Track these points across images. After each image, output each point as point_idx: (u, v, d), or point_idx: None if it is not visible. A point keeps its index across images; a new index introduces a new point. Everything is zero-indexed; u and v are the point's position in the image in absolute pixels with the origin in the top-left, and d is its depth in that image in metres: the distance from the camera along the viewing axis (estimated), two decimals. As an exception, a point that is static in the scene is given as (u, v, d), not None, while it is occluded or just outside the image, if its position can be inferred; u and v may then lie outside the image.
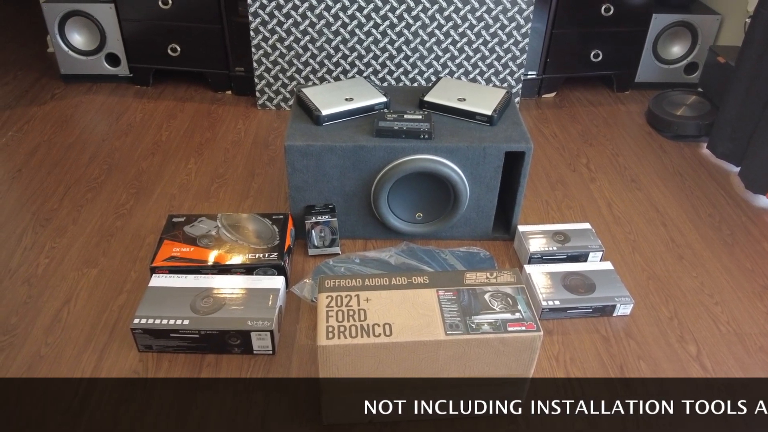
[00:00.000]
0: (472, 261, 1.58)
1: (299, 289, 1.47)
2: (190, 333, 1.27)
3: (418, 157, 1.49)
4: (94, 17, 2.33)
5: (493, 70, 2.24)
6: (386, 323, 1.05)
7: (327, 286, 1.12)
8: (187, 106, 2.37)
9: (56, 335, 1.35)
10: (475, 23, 2.14)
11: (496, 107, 1.58)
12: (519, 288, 1.13)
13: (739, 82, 1.89)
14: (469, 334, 1.04)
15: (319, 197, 1.58)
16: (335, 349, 1.02)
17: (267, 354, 1.31)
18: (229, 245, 1.49)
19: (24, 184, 1.87)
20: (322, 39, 2.15)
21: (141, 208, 1.77)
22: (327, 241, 1.59)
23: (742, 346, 1.37)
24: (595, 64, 2.43)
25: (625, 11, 2.32)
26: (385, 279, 1.14)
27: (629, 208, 1.83)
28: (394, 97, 1.68)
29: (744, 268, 1.61)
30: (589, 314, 1.43)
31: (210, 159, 2.03)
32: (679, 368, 1.31)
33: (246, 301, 1.33)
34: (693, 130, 2.18)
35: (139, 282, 1.50)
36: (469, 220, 1.63)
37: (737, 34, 2.31)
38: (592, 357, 1.33)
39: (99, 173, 1.93)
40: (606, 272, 1.50)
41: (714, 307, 1.48)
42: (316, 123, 1.55)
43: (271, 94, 2.30)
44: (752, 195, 1.89)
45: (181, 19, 2.29)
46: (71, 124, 2.22)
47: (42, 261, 1.56)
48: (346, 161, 1.51)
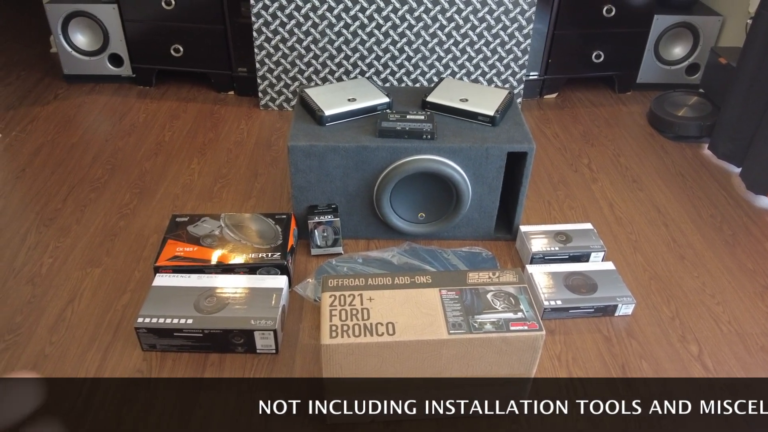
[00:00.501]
0: (475, 261, 1.59)
1: (302, 289, 1.48)
2: (194, 332, 1.28)
3: (421, 158, 1.50)
4: (97, 18, 2.34)
5: (495, 71, 2.25)
6: (389, 322, 1.05)
7: (330, 286, 1.13)
8: (190, 106, 2.37)
9: (60, 334, 1.36)
10: (477, 24, 2.15)
11: (498, 108, 1.59)
12: (521, 287, 1.14)
13: (741, 83, 1.89)
14: (472, 334, 1.04)
15: (322, 197, 1.59)
16: (339, 348, 1.03)
17: (270, 353, 1.31)
18: (233, 245, 1.49)
19: (27, 184, 1.87)
20: (325, 39, 2.16)
21: (144, 208, 1.78)
22: (330, 241, 1.59)
23: (744, 346, 1.37)
24: (597, 64, 2.44)
25: (626, 12, 2.32)
26: (388, 278, 1.15)
27: (631, 209, 1.83)
28: (396, 98, 1.69)
29: (745, 268, 1.61)
30: (591, 314, 1.43)
31: (213, 159, 2.03)
32: (681, 368, 1.32)
33: (249, 301, 1.34)
34: (694, 131, 2.19)
35: (142, 281, 1.50)
36: (471, 220, 1.64)
37: (739, 35, 2.31)
38: (594, 357, 1.33)
39: (102, 173, 1.94)
40: (608, 272, 1.51)
41: (715, 307, 1.48)
42: (319, 123, 1.56)
43: (273, 94, 2.31)
44: (753, 195, 1.90)
45: (184, 20, 2.30)
46: (74, 124, 2.22)
47: (46, 261, 1.57)
48: (349, 161, 1.52)
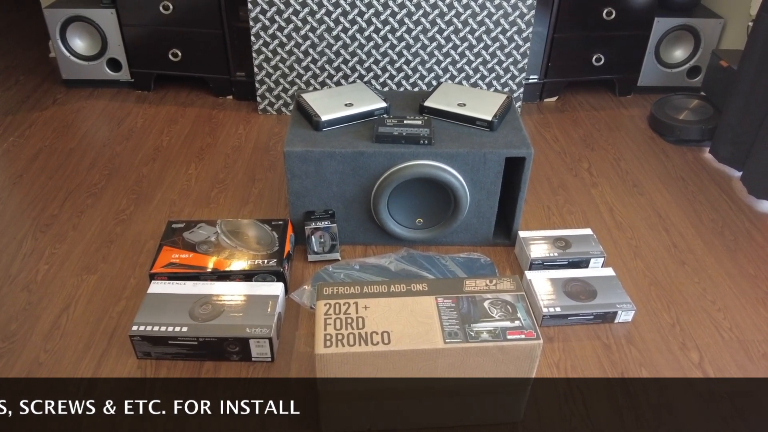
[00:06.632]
0: (473, 267, 1.57)
1: (298, 296, 1.47)
2: (189, 340, 1.27)
3: (418, 163, 1.49)
4: (96, 22, 2.34)
5: (495, 75, 2.24)
6: (385, 331, 1.04)
7: (325, 294, 1.12)
8: (188, 111, 2.37)
9: (55, 342, 1.35)
10: (476, 27, 2.14)
11: (496, 112, 1.58)
12: (519, 295, 1.12)
13: (742, 85, 1.88)
14: (468, 343, 1.03)
15: (318, 203, 1.58)
16: (333, 358, 1.02)
17: (266, 361, 1.30)
18: (229, 251, 1.48)
19: (25, 190, 1.87)
20: (323, 44, 2.15)
21: (141, 214, 1.77)
22: (327, 247, 1.58)
23: (745, 353, 1.36)
24: (597, 68, 2.42)
25: (627, 15, 2.31)
26: (384, 286, 1.13)
27: (631, 213, 1.82)
28: (394, 102, 1.68)
29: (747, 273, 1.59)
30: (591, 321, 1.42)
31: (210, 164, 2.02)
32: (681, 375, 1.30)
33: (245, 308, 1.33)
34: (695, 135, 2.17)
35: (138, 288, 1.49)
36: (469, 226, 1.62)
37: (740, 37, 2.30)
38: (593, 364, 1.32)
39: (99, 179, 1.93)
40: (607, 278, 1.49)
41: (716, 314, 1.46)
42: (316, 128, 1.55)
43: (272, 99, 2.30)
44: (755, 200, 1.88)
45: (182, 25, 2.30)
46: (72, 129, 2.22)
47: (42, 267, 1.56)
48: (346, 167, 1.51)
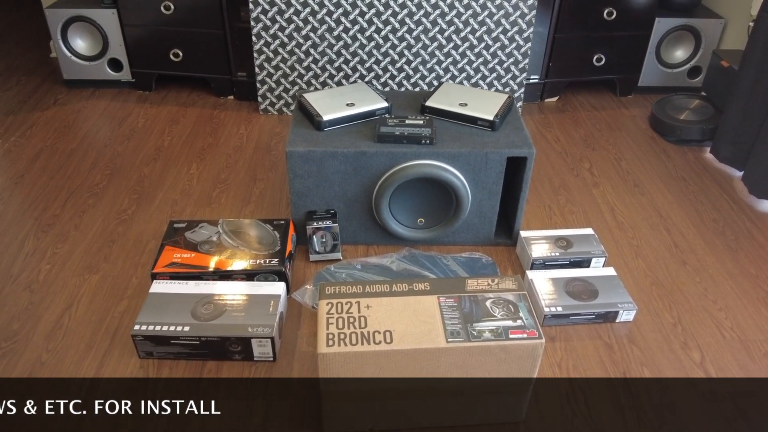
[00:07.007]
0: (474, 267, 1.57)
1: (300, 296, 1.47)
2: (191, 339, 1.27)
3: (420, 163, 1.49)
4: (97, 23, 2.34)
5: (496, 75, 2.24)
6: (387, 330, 1.04)
7: (327, 293, 1.12)
8: (190, 111, 2.37)
9: (57, 341, 1.35)
10: (477, 27, 2.14)
11: (498, 112, 1.58)
12: (521, 295, 1.12)
13: (743, 85, 1.88)
14: (470, 342, 1.03)
15: (320, 203, 1.58)
16: (335, 357, 1.02)
17: (268, 361, 1.30)
18: (230, 251, 1.49)
19: (26, 190, 1.87)
20: (324, 44, 2.15)
21: (143, 214, 1.77)
22: (328, 246, 1.58)
23: (747, 352, 1.36)
24: (598, 68, 2.42)
25: (628, 15, 2.31)
26: (386, 285, 1.13)
27: (632, 213, 1.82)
28: (395, 102, 1.68)
29: (748, 273, 1.59)
30: (592, 320, 1.42)
31: (212, 164, 2.02)
32: (683, 375, 1.30)
33: (247, 308, 1.33)
34: (696, 135, 2.17)
35: (140, 288, 1.50)
36: (471, 225, 1.62)
37: (741, 37, 2.30)
38: (595, 364, 1.32)
39: (101, 179, 1.93)
40: (609, 278, 1.49)
41: (718, 313, 1.46)
42: (318, 128, 1.55)
43: (273, 99, 2.30)
44: (756, 200, 1.88)
45: (184, 25, 2.30)
46: (74, 129, 2.22)
47: (43, 267, 1.56)
48: (348, 167, 1.51)
